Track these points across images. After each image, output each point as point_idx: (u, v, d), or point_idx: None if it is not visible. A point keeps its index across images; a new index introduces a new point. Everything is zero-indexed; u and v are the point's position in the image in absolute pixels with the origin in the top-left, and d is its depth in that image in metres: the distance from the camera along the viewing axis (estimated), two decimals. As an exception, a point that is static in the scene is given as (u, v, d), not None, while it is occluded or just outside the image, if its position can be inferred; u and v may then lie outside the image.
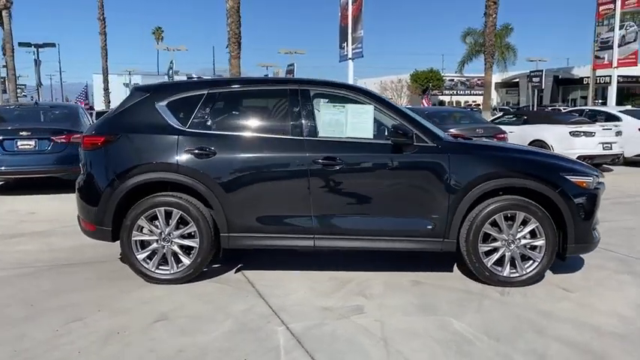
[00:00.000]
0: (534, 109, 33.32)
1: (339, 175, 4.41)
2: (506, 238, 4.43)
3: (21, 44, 30.32)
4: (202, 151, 4.39)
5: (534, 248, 4.46)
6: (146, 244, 4.49)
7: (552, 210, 4.42)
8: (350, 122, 4.50)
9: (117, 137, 4.50)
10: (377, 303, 4.09)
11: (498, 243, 4.45)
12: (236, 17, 16.48)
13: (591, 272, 4.87)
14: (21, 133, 8.94)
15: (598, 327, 3.67)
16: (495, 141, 9.67)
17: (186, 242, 4.47)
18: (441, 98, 53.96)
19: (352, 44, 16.82)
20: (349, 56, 17.06)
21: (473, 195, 4.36)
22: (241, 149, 4.46)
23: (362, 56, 16.91)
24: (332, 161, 4.38)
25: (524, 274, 4.45)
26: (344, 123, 4.51)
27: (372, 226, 4.48)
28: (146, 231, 4.47)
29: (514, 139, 11.86)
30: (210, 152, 4.39)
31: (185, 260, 4.47)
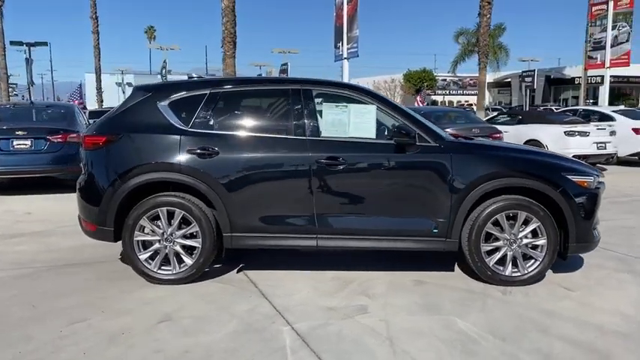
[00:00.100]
0: (527, 109, 33.49)
1: (342, 175, 4.41)
2: (508, 238, 4.45)
3: (12, 43, 30.00)
4: (205, 151, 4.38)
5: (536, 247, 4.48)
6: (148, 245, 4.47)
7: (553, 209, 4.44)
8: (352, 122, 4.51)
9: (118, 137, 4.47)
10: (381, 303, 4.10)
11: (500, 242, 4.47)
12: (231, 16, 16.46)
13: (591, 271, 4.91)
14: (17, 133, 8.87)
15: (601, 326, 3.69)
16: (496, 140, 9.71)
17: (188, 242, 4.46)
18: (434, 98, 54.08)
19: (347, 44, 16.82)
20: (344, 56, 17.05)
21: (475, 195, 4.38)
22: (244, 149, 4.45)
23: (357, 56, 16.94)
24: (335, 161, 4.38)
25: (525, 274, 4.47)
26: (346, 123, 4.51)
27: (375, 226, 4.48)
28: (148, 231, 4.45)
29: (509, 139, 11.88)
30: (212, 152, 4.38)
31: (187, 260, 4.46)
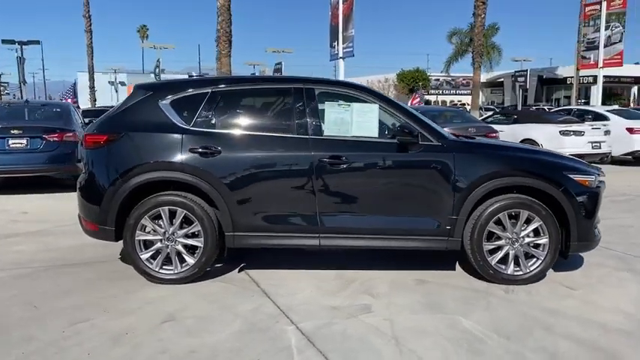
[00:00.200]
0: (520, 109, 33.64)
1: (345, 174, 4.40)
2: (510, 237, 4.46)
3: (4, 41, 29.84)
4: (207, 150, 4.35)
5: (538, 246, 4.49)
6: (150, 244, 4.44)
7: (555, 208, 4.46)
8: (355, 121, 4.50)
9: (120, 136, 4.44)
10: (384, 302, 4.09)
11: (502, 241, 4.47)
12: (227, 15, 16.39)
13: (591, 270, 4.93)
14: (12, 132, 8.79)
15: (604, 324, 3.71)
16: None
17: (190, 242, 4.43)
18: (427, 98, 54.23)
19: (343, 43, 16.82)
20: (340, 55, 17.06)
21: (478, 194, 4.38)
22: (246, 148, 4.43)
23: (353, 55, 16.93)
24: (337, 160, 4.37)
25: (527, 272, 4.48)
26: (349, 122, 4.50)
27: (377, 225, 4.47)
28: (150, 230, 4.42)
29: (504, 139, 11.93)
30: (215, 151, 4.36)
31: (189, 260, 4.43)
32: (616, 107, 17.68)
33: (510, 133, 12.72)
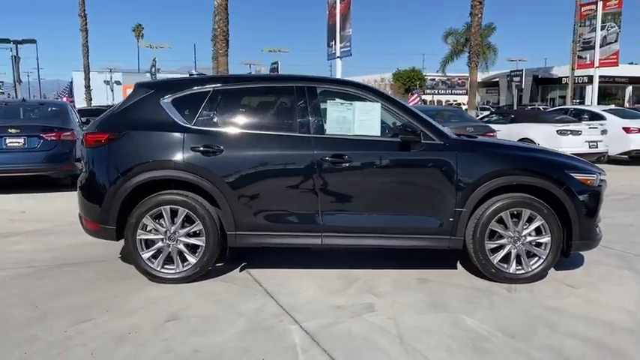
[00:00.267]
0: (516, 108, 33.74)
1: (347, 173, 4.39)
2: (512, 236, 4.46)
3: (-1, 40, 29.64)
4: (209, 149, 4.33)
5: (540, 245, 4.49)
6: (151, 243, 4.42)
7: (557, 207, 4.46)
8: (357, 120, 4.48)
9: (121, 134, 4.41)
10: (387, 301, 4.08)
11: (504, 240, 4.47)
12: (224, 15, 16.37)
13: (592, 268, 4.94)
14: (10, 131, 8.72)
15: (609, 322, 3.71)
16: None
17: (192, 241, 4.41)
18: (423, 97, 54.30)
19: (340, 42, 16.81)
20: (337, 54, 17.04)
21: (480, 192, 4.38)
22: (248, 147, 4.41)
23: (350, 54, 16.92)
24: (340, 159, 4.35)
25: (529, 271, 4.49)
26: (351, 120, 4.48)
27: (380, 224, 4.46)
28: (151, 229, 4.40)
29: (501, 138, 11.97)
30: (217, 150, 4.34)
31: (191, 259, 4.41)
32: (612, 107, 17.73)
33: (508, 133, 12.74)
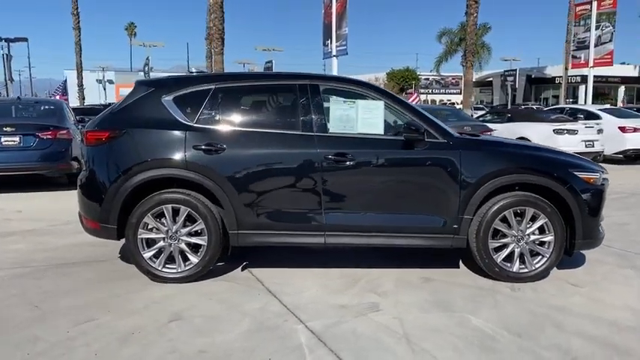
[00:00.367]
0: (510, 108, 33.83)
1: (350, 171, 4.36)
2: (515, 234, 4.45)
3: (-9, 38, 29.45)
4: (211, 147, 4.29)
5: (543, 244, 4.48)
6: (152, 243, 4.37)
7: (560, 206, 4.45)
8: (361, 118, 4.46)
9: (122, 132, 4.36)
10: (392, 300, 4.06)
11: (508, 239, 4.46)
12: (220, 13, 16.29)
13: (594, 267, 4.93)
14: (5, 129, 8.60)
15: (614, 321, 3.70)
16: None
17: (193, 240, 4.37)
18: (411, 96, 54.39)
19: (336, 41, 16.78)
20: (333, 53, 17.01)
21: (484, 191, 4.36)
22: (251, 145, 4.37)
23: (346, 53, 16.88)
24: (343, 157, 4.32)
25: (533, 270, 4.48)
26: (354, 119, 4.46)
27: (383, 223, 4.44)
28: (153, 229, 4.35)
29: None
30: (219, 148, 4.30)
31: (193, 259, 4.37)
32: (608, 106, 17.82)
33: (504, 132, 12.73)
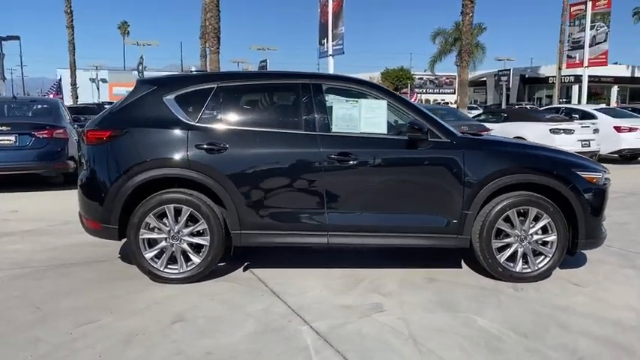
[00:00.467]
0: (504, 107, 33.94)
1: (353, 171, 4.34)
2: (518, 234, 4.44)
3: (-17, 37, 29.19)
4: (213, 147, 4.26)
5: (546, 244, 4.48)
6: (154, 243, 4.34)
7: (562, 205, 4.45)
8: (363, 117, 4.44)
9: (123, 132, 4.32)
10: (396, 300, 4.04)
11: (511, 239, 4.45)
12: (216, 12, 16.22)
13: (596, 267, 4.94)
14: (0, 128, 8.54)
15: (618, 321, 3.70)
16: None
17: (196, 240, 4.34)
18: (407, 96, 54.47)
19: (333, 41, 16.74)
20: (330, 53, 16.96)
21: (487, 191, 4.36)
22: (253, 144, 4.34)
23: (343, 53, 16.84)
24: (346, 157, 4.30)
25: (536, 270, 4.47)
26: (357, 118, 4.43)
27: (386, 223, 4.42)
28: (154, 229, 4.31)
29: (495, 137, 11.99)
30: (221, 147, 4.27)
31: (195, 259, 4.34)
32: (603, 106, 17.90)
33: (501, 132, 12.74)
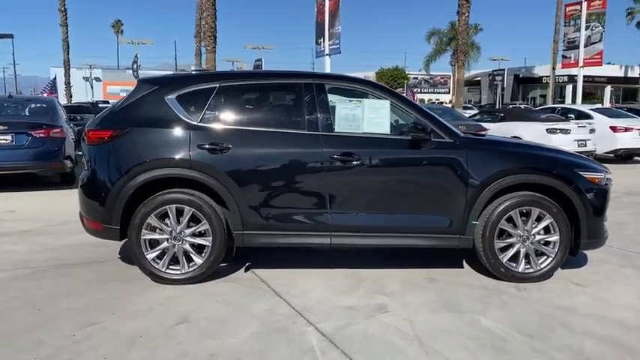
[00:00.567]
0: (499, 107, 34.05)
1: (357, 171, 4.32)
2: (521, 234, 4.44)
3: (-24, 35, 28.97)
4: (216, 147, 4.23)
5: (548, 244, 4.49)
6: (156, 243, 4.31)
7: (565, 205, 4.45)
8: (366, 117, 4.42)
9: (124, 131, 4.29)
10: (399, 301, 4.03)
11: (513, 239, 4.45)
12: (212, 11, 16.14)
13: (597, 267, 4.95)
14: None
15: (621, 321, 3.71)
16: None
17: (198, 241, 4.31)
18: (405, 96, 54.48)
19: (329, 40, 16.73)
20: (326, 52, 16.95)
21: (490, 191, 4.35)
22: (256, 144, 4.32)
23: (339, 52, 16.84)
24: (349, 157, 4.29)
25: (538, 270, 4.47)
26: (360, 118, 4.42)
27: (389, 223, 4.41)
28: (156, 229, 4.28)
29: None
30: (223, 147, 4.24)
31: (197, 259, 4.31)
32: (599, 106, 17.98)
33: (497, 131, 12.74)
